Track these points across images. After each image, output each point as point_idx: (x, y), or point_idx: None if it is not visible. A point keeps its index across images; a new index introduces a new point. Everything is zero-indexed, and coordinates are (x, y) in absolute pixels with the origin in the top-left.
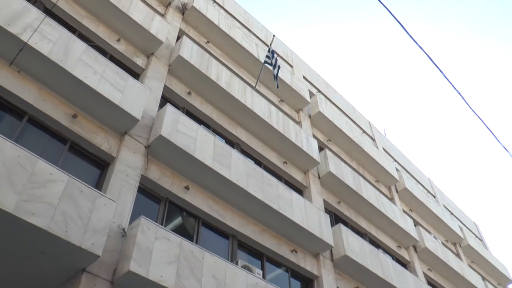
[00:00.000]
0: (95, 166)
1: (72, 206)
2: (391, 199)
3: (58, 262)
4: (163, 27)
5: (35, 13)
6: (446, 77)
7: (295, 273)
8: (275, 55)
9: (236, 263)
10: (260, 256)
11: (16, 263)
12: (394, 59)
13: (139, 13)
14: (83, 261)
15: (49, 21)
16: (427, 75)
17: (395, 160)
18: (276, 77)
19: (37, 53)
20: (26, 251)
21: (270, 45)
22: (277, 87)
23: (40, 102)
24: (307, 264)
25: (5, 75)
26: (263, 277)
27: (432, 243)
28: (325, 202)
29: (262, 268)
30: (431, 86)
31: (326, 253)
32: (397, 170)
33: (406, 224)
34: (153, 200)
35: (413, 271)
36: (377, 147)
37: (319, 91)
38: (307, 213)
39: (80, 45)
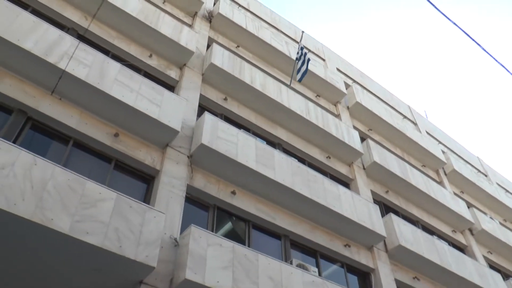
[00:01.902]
0: (141, 181)
1: (123, 222)
2: (440, 183)
3: (116, 277)
4: (192, 37)
5: (69, 40)
6: (484, 49)
7: (351, 267)
8: (304, 50)
9: (291, 263)
10: (314, 253)
11: (76, 280)
12: (426, 40)
13: (167, 27)
14: (140, 273)
15: (83, 46)
16: (462, 53)
17: (440, 142)
18: (300, 71)
19: (75, 79)
20: (84, 268)
21: (300, 41)
22: (300, 80)
23: (82, 126)
24: (361, 257)
25: (48, 104)
26: (319, 274)
27: (489, 224)
28: (373, 192)
29: (317, 266)
30: (468, 62)
31: (379, 244)
32: (443, 152)
33: (459, 207)
34: (201, 208)
35: (472, 255)
36: (419, 131)
37: (354, 81)
38: (356, 205)
39: (115, 65)
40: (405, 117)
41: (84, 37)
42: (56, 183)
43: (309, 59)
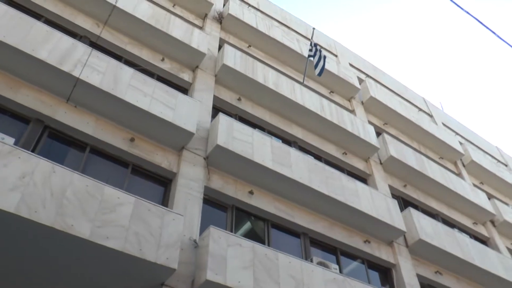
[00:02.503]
0: (159, 184)
1: (143, 225)
2: (459, 175)
3: (137, 279)
4: (203, 39)
5: (82, 48)
6: (499, 36)
7: (372, 264)
8: (318, 47)
9: (311, 261)
10: (334, 250)
11: (98, 285)
12: (437, 31)
13: (178, 30)
14: (161, 276)
15: (96, 53)
16: (476, 41)
17: (457, 134)
18: (318, 66)
19: (90, 86)
20: (105, 272)
21: (312, 38)
22: (319, 75)
23: (98, 132)
24: (382, 253)
25: (64, 112)
26: (340, 271)
27: None
28: (390, 187)
29: (338, 263)
30: (482, 51)
31: (400, 239)
32: (460, 143)
33: (479, 198)
34: (219, 209)
35: (495, 248)
36: (436, 123)
37: (367, 76)
38: (374, 201)
39: (128, 71)
40: (420, 109)
41: (96, 44)
42: (75, 189)
43: (325, 56)
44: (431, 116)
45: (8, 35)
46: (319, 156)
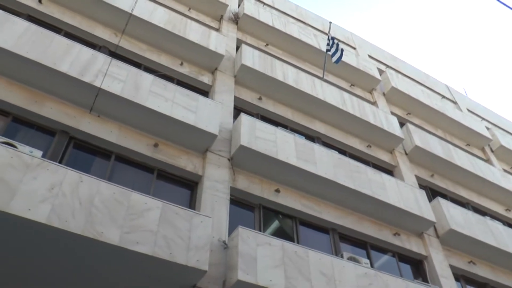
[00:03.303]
0: (185, 188)
1: (171, 229)
2: (488, 161)
3: (169, 283)
4: (220, 41)
5: (102, 58)
6: None
7: (403, 256)
8: (335, 40)
9: (342, 256)
10: (364, 245)
11: None
12: (454, 15)
13: (195, 33)
14: (192, 278)
15: (116, 62)
16: (496, 22)
17: (484, 119)
18: (335, 55)
19: (111, 95)
20: (137, 277)
21: (329, 32)
22: (337, 63)
23: (122, 140)
24: (412, 245)
25: (88, 122)
26: (371, 266)
27: None
28: (417, 178)
29: (368, 257)
30: (504, 33)
31: (430, 230)
32: (487, 128)
33: (511, 183)
34: (247, 209)
35: None
36: (460, 110)
37: (388, 66)
38: (402, 192)
39: (148, 77)
40: (443, 97)
41: (115, 53)
42: (102, 197)
43: (342, 49)
44: (455, 102)
45: (30, 50)
46: (343, 150)
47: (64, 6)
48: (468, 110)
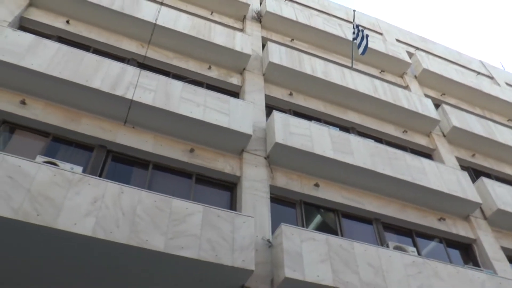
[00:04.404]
0: (224, 190)
1: (215, 232)
2: None
3: (217, 285)
4: (246, 41)
5: (131, 70)
6: None
7: (450, 242)
8: (360, 28)
9: (387, 246)
10: (409, 233)
11: None
12: None
13: (220, 36)
14: (240, 278)
15: (145, 73)
16: None
17: None
18: (361, 46)
19: (143, 105)
20: (184, 281)
21: (354, 20)
22: (363, 53)
23: (158, 148)
24: (459, 229)
25: (123, 134)
26: (418, 253)
27: None
28: (458, 159)
29: (415, 245)
30: None
31: (476, 212)
32: None
33: None
34: (288, 206)
35: None
36: (498, 84)
37: (417, 48)
38: (443, 176)
39: (177, 84)
40: (478, 73)
41: (144, 64)
42: (144, 206)
43: (367, 35)
44: (491, 77)
45: (63, 70)
46: (379, 138)
47: (90, 23)
48: (507, 84)
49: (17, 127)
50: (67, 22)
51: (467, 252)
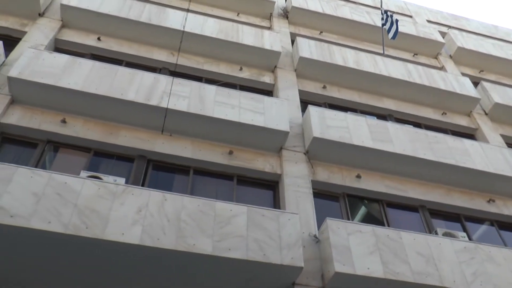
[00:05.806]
0: (266, 189)
1: (260, 231)
2: None
3: (268, 283)
4: (275, 38)
5: (164, 79)
6: None
7: (502, 224)
8: (389, 13)
9: (436, 233)
10: (457, 218)
11: None
12: None
13: (248, 36)
14: (290, 276)
15: (177, 80)
16: None
17: None
18: (391, 31)
19: (179, 112)
20: (233, 282)
21: (381, 6)
22: (393, 38)
23: (197, 153)
24: (511, 210)
25: (162, 143)
26: (469, 239)
27: None
28: (503, 137)
29: (465, 230)
30: None
31: None
32: None
33: None
34: (331, 200)
35: None
36: None
37: (450, 27)
38: (488, 155)
39: (210, 88)
40: None
41: (176, 72)
42: (188, 211)
43: (397, 19)
44: None
45: (98, 86)
46: (418, 123)
47: (120, 38)
48: None
49: (60, 145)
50: (98, 39)
51: None
